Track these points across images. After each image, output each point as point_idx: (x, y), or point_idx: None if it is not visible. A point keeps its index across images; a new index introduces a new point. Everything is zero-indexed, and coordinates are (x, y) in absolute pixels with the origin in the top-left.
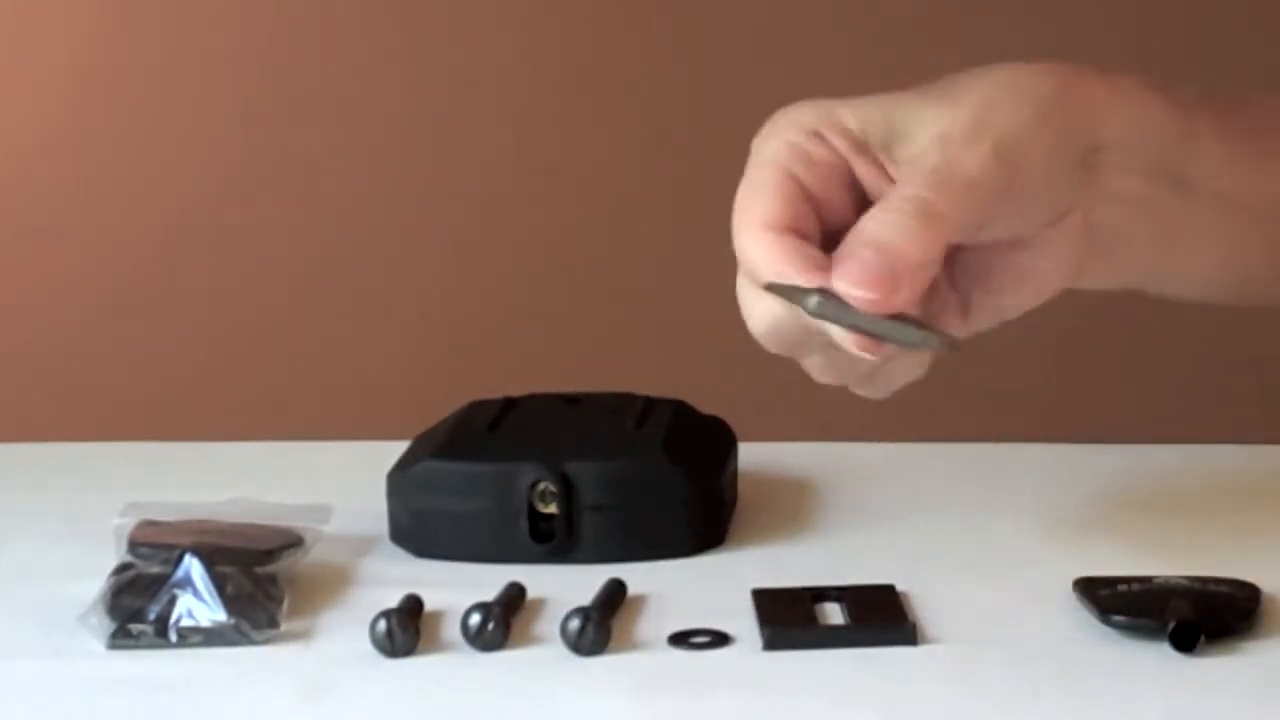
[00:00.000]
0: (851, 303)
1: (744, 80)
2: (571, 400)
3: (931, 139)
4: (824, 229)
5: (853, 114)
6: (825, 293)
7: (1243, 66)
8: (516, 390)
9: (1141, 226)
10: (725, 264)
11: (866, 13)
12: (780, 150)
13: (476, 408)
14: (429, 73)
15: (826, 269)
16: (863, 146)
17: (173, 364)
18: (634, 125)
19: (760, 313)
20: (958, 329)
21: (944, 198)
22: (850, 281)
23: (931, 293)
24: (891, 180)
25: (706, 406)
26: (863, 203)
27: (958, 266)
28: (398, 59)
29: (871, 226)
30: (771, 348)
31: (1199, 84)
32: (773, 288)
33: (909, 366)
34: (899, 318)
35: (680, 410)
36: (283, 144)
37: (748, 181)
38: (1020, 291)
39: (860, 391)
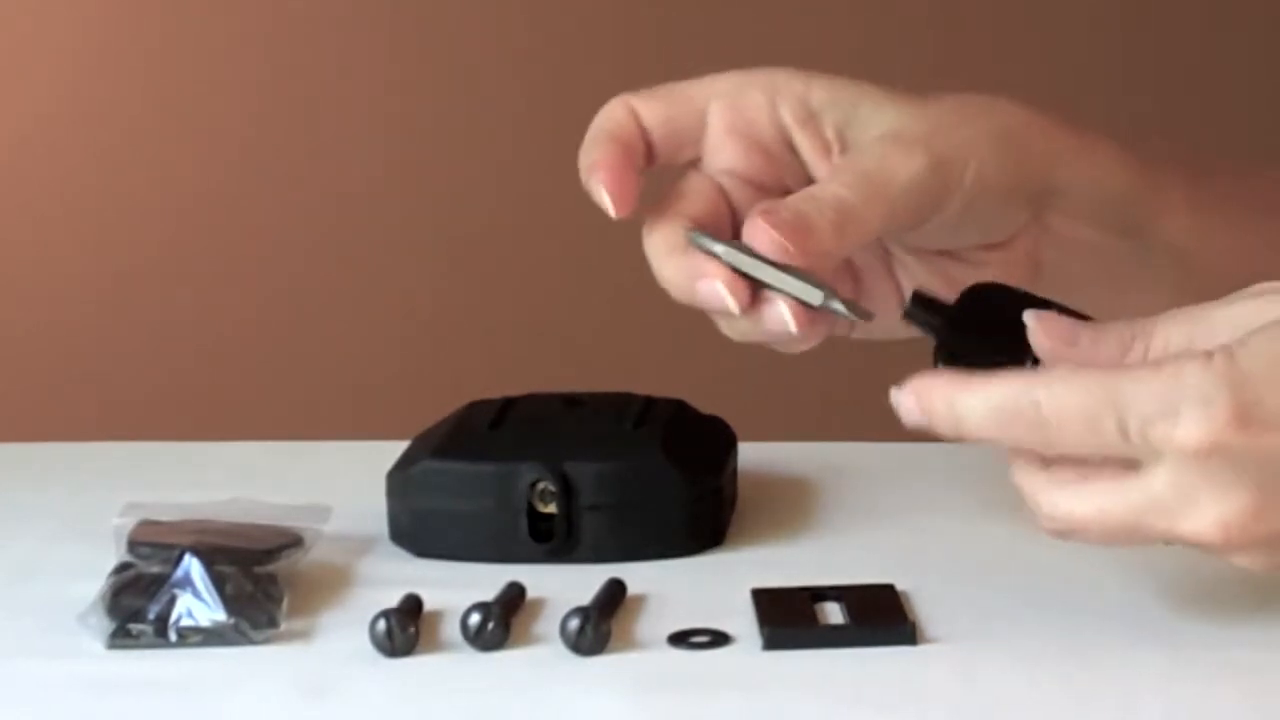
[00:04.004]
0: (757, 246)
1: None
2: (571, 400)
3: (878, 138)
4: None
5: (823, 90)
6: (737, 245)
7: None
8: (516, 390)
9: (1094, 273)
10: None
11: (865, 17)
12: (713, 81)
13: (476, 408)
14: (429, 73)
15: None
16: (810, 121)
17: (173, 364)
18: None
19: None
20: (895, 326)
21: (864, 202)
22: (760, 225)
23: (872, 281)
24: (828, 158)
25: (706, 406)
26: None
27: (895, 263)
28: (397, 59)
29: (792, 200)
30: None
31: (1178, 145)
32: (691, 239)
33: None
34: (806, 276)
35: (680, 410)
36: (283, 145)
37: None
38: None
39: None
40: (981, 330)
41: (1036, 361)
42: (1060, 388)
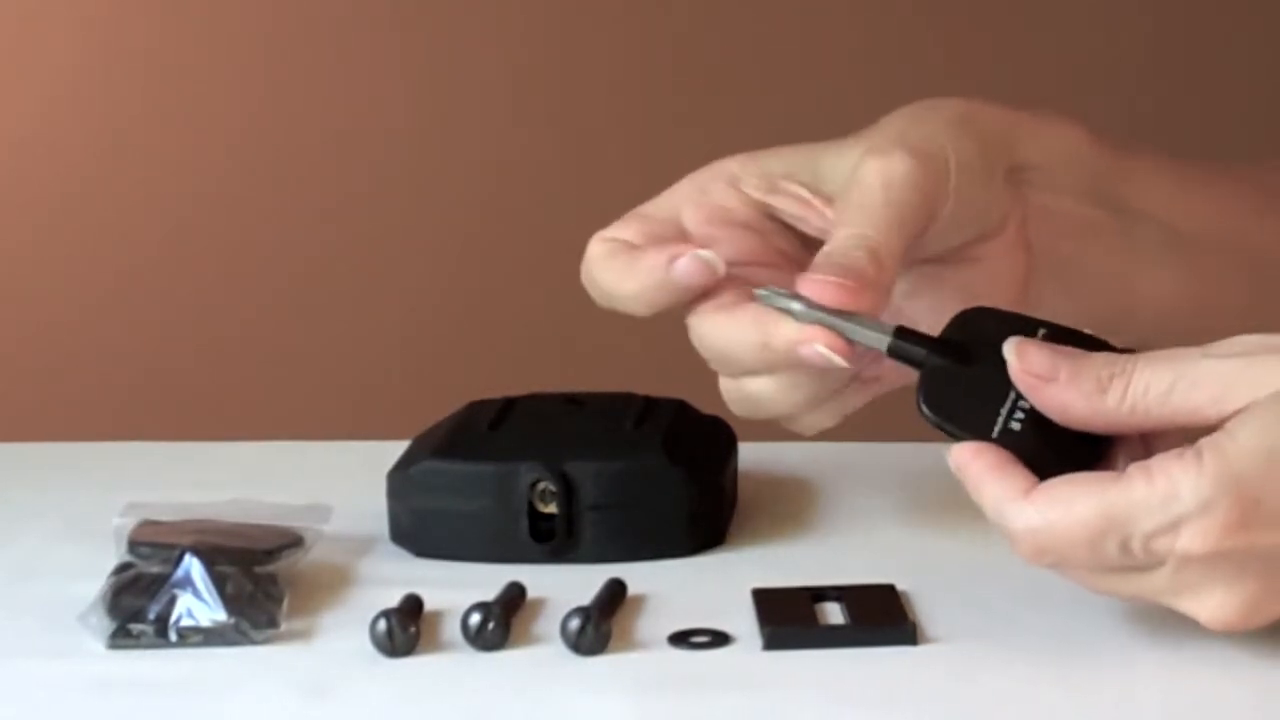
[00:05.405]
0: (821, 298)
1: (745, 83)
2: (571, 400)
3: (854, 164)
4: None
5: (776, 160)
6: (805, 299)
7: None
8: (516, 390)
9: (1089, 250)
10: None
11: (866, 19)
12: (672, 191)
13: (476, 408)
14: (429, 72)
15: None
16: (777, 187)
17: (173, 364)
18: (634, 125)
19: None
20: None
21: (877, 229)
22: (816, 280)
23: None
24: (811, 209)
25: (706, 406)
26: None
27: (910, 294)
28: (397, 58)
29: (820, 257)
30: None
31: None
32: (761, 297)
33: (860, 391)
34: (872, 323)
35: (680, 410)
36: (283, 144)
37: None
38: None
39: (804, 422)
40: (963, 360)
41: (1019, 395)
42: (1056, 515)
